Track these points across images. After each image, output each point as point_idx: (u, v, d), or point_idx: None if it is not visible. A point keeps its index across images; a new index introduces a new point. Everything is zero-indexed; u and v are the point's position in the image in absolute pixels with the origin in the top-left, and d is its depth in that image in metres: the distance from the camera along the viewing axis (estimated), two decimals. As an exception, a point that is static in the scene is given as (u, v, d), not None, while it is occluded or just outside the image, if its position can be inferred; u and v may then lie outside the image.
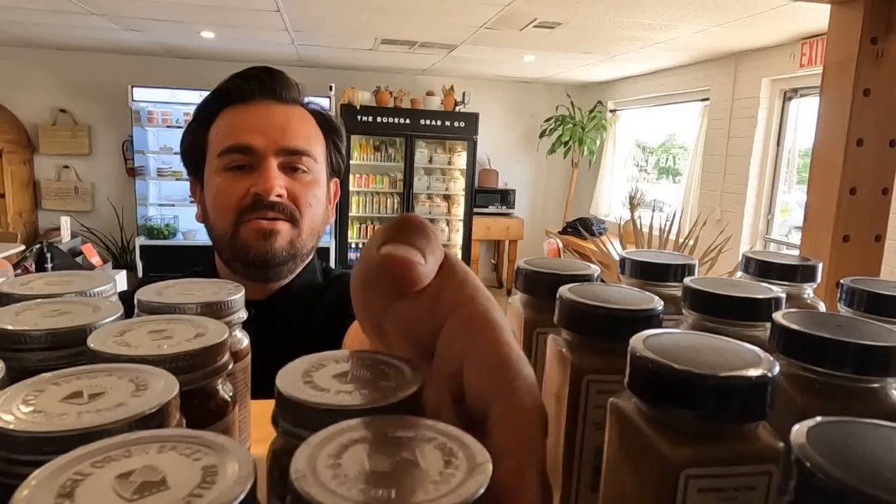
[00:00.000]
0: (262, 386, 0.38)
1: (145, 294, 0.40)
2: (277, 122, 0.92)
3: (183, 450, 0.22)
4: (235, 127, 0.91)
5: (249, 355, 0.46)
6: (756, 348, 0.31)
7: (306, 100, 0.99)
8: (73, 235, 5.18)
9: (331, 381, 0.27)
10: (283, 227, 0.91)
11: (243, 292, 0.43)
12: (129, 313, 0.40)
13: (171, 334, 0.34)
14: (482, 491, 0.20)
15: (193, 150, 0.96)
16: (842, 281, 0.46)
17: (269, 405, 0.32)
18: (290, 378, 0.27)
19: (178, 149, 1.03)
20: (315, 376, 0.28)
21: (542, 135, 6.78)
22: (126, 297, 0.46)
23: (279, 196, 0.89)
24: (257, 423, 0.47)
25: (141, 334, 0.34)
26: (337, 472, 0.20)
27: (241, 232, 0.90)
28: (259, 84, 0.93)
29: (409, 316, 0.29)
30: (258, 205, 0.89)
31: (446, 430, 0.23)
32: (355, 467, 0.21)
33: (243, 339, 0.45)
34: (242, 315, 0.43)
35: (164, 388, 0.27)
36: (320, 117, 0.99)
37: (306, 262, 1.00)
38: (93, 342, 0.32)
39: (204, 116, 0.95)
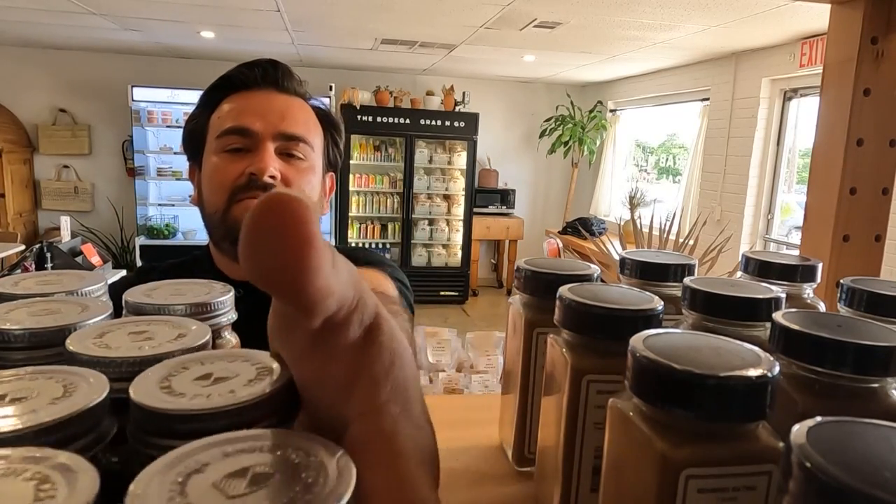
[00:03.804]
0: None
1: (133, 295, 0.40)
2: (277, 108, 0.94)
3: (34, 471, 0.21)
4: (236, 111, 0.94)
5: None
6: (756, 348, 0.31)
7: (307, 95, 1.02)
8: (73, 235, 5.17)
9: (190, 385, 0.26)
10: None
11: (232, 293, 0.43)
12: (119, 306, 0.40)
13: (152, 335, 0.34)
14: (352, 489, 0.20)
15: (194, 134, 0.99)
16: (842, 281, 0.46)
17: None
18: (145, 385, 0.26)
19: (178, 149, 1.04)
20: (174, 381, 0.27)
21: (542, 135, 6.79)
22: (118, 288, 0.46)
23: (272, 178, 0.91)
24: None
25: (121, 335, 0.33)
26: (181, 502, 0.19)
27: (233, 210, 0.92)
28: (262, 72, 0.96)
29: (321, 381, 0.26)
30: (252, 185, 0.91)
31: (291, 438, 0.23)
32: (204, 496, 0.19)
33: (231, 340, 0.45)
34: (232, 316, 0.43)
35: (86, 396, 0.26)
36: (320, 112, 1.02)
37: None
38: (71, 343, 0.32)
39: (207, 103, 0.98)
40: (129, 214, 6.44)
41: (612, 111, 6.81)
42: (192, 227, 6.41)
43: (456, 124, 6.41)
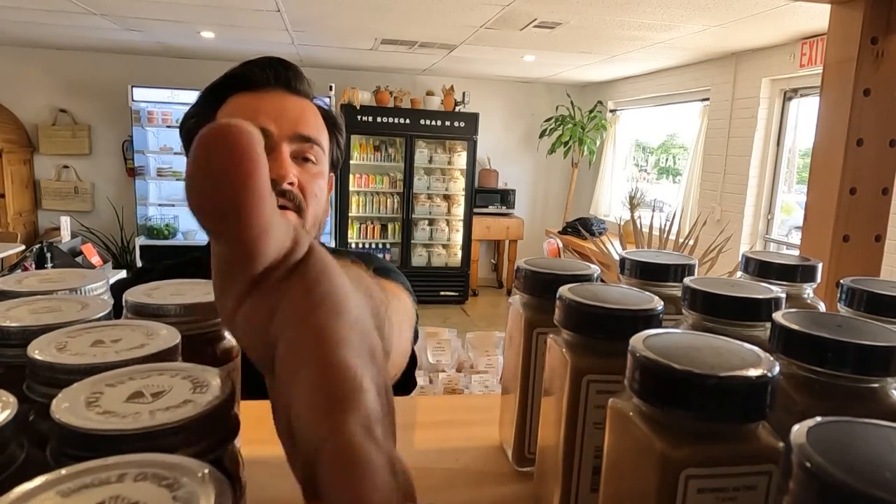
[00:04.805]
0: (256, 386, 0.35)
1: (133, 295, 0.40)
2: (291, 110, 0.93)
3: None
4: (249, 111, 0.91)
5: (240, 356, 0.45)
6: (756, 348, 0.31)
7: (312, 96, 1.01)
8: (73, 235, 5.17)
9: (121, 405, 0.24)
10: (291, 217, 0.91)
11: None
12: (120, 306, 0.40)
13: (114, 342, 0.33)
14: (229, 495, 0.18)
15: (194, 133, 0.96)
16: (842, 281, 0.46)
17: (260, 406, 0.30)
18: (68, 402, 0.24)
19: (178, 149, 1.03)
20: (102, 399, 0.25)
21: (542, 135, 6.78)
22: (114, 290, 0.46)
23: (291, 184, 0.89)
24: (249, 424, 0.47)
25: (85, 340, 0.33)
26: None
27: None
28: (274, 73, 0.94)
29: (250, 324, 0.23)
30: None
31: (151, 460, 0.21)
32: None
33: (231, 340, 0.45)
34: None
35: None
36: (325, 113, 1.02)
37: None
38: (33, 346, 0.31)
39: (211, 100, 0.95)
40: (129, 214, 6.44)
41: (612, 111, 6.81)
42: (192, 228, 6.40)
43: (456, 124, 6.41)
